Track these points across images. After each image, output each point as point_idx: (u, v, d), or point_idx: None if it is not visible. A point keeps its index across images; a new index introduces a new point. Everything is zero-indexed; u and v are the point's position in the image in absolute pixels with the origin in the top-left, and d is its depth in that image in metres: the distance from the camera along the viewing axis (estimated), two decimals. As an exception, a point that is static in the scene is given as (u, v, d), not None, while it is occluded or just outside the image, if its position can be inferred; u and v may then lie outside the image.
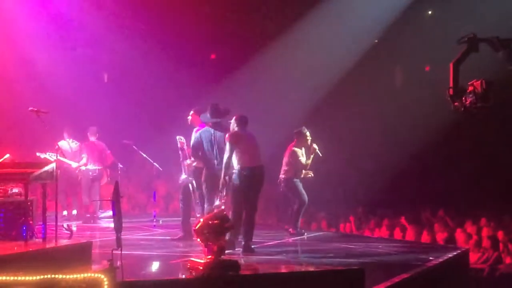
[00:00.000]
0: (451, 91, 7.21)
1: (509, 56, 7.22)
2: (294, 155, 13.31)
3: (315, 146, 13.36)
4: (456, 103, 7.19)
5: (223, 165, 10.81)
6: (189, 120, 12.23)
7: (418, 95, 19.93)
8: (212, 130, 11.52)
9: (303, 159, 13.27)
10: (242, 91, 19.22)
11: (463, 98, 7.12)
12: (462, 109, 7.15)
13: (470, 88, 7.08)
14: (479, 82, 7.03)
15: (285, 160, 13.44)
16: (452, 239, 15.05)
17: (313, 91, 20.68)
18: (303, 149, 13.38)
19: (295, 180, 13.30)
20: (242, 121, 11.04)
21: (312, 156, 13.31)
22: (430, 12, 20.77)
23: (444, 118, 16.88)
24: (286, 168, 13.38)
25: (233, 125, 11.05)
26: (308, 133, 13.36)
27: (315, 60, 19.76)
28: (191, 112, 12.23)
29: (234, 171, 10.87)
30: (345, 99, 20.65)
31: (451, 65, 7.21)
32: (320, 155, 13.39)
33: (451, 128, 18.12)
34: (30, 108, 9.84)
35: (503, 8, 16.90)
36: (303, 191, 13.30)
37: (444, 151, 19.59)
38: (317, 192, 13.78)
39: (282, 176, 13.43)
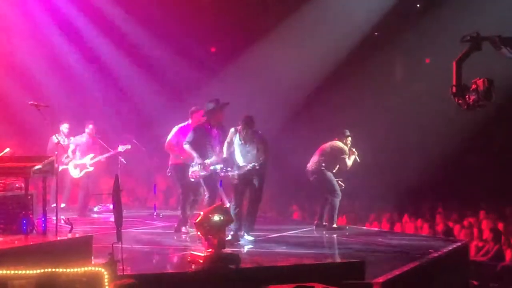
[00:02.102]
0: (454, 89, 7.21)
1: (510, 54, 7.23)
2: (341, 151, 13.14)
3: (354, 150, 13.23)
4: (460, 101, 7.20)
5: None
6: None
7: (420, 88, 19.94)
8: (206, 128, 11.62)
9: (347, 158, 13.13)
10: (241, 83, 19.22)
11: (467, 96, 7.13)
12: (465, 107, 7.16)
13: (473, 86, 7.10)
14: (481, 80, 7.04)
15: (323, 150, 13.23)
16: (452, 232, 15.06)
17: (314, 83, 20.69)
18: None
19: (330, 173, 13.13)
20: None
21: (352, 158, 13.19)
22: (418, 5, 20.76)
23: (445, 112, 16.90)
24: (321, 159, 13.17)
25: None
26: (349, 137, 13.25)
27: (313, 52, 19.75)
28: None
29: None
30: (346, 92, 20.62)
31: (454, 63, 7.22)
32: (358, 160, 13.26)
33: (452, 122, 18.12)
34: (30, 102, 9.84)
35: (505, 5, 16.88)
36: (337, 185, 13.15)
37: (446, 144, 19.56)
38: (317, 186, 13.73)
39: (314, 166, 13.19)
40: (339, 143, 13.21)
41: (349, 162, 13.18)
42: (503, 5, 16.89)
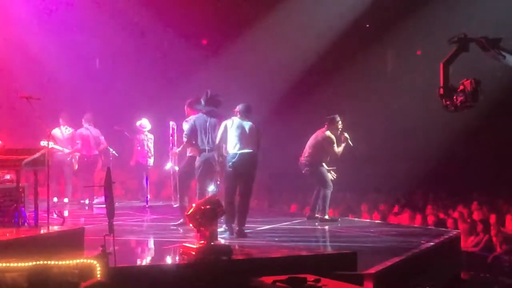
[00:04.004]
0: (441, 91, 7.22)
1: (497, 56, 7.25)
2: (329, 140, 13.04)
3: (346, 135, 13.15)
4: (447, 102, 7.22)
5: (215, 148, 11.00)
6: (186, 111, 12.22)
7: (413, 79, 19.96)
8: (206, 117, 11.45)
9: (336, 146, 13.03)
10: (232, 73, 19.22)
11: (454, 97, 7.15)
12: (453, 108, 7.18)
13: (461, 87, 7.11)
14: (468, 81, 7.06)
15: (312, 142, 13.17)
16: (444, 223, 15.11)
17: (304, 73, 20.69)
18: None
19: (321, 165, 13.08)
20: (244, 110, 11.07)
21: (343, 145, 13.11)
22: None
23: (438, 103, 16.84)
24: (312, 151, 13.12)
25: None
26: (340, 122, 13.16)
27: (303, 43, 19.76)
28: (185, 105, 12.22)
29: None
30: (339, 83, 20.64)
31: (441, 65, 7.23)
32: (351, 144, 13.16)
33: (445, 113, 18.12)
34: (21, 95, 9.79)
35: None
36: (329, 177, 13.11)
37: (439, 135, 19.61)
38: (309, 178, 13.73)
39: (306, 159, 13.16)
40: (326, 133, 13.11)
41: (339, 149, 13.10)
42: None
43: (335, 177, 13.31)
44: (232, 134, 10.91)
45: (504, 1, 16.80)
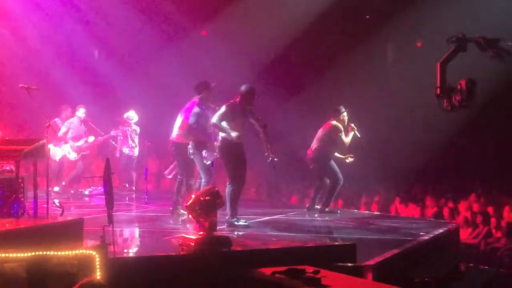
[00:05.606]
0: (438, 91, 7.22)
1: (495, 55, 7.24)
2: (336, 130, 12.89)
3: (353, 126, 13.00)
4: (445, 103, 7.22)
5: None
6: None
7: (412, 71, 19.90)
8: (195, 107, 11.46)
9: (343, 136, 12.90)
10: (231, 62, 19.20)
11: (453, 97, 7.15)
12: (450, 108, 7.19)
13: (458, 87, 7.12)
14: (464, 81, 7.07)
15: (319, 135, 13.02)
16: (443, 215, 15.13)
17: (304, 64, 20.65)
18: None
19: (329, 160, 12.90)
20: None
21: (351, 135, 12.96)
22: None
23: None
24: (320, 144, 12.95)
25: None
26: (345, 112, 13.02)
27: (304, 33, 19.72)
28: None
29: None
30: (339, 75, 20.60)
31: (438, 65, 7.23)
32: (358, 135, 13.01)
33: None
34: (20, 85, 9.80)
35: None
36: (338, 169, 12.94)
37: (438, 127, 19.59)
38: (309, 168, 13.69)
39: (313, 154, 12.99)
40: (333, 123, 12.98)
41: (347, 139, 12.93)
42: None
43: (353, 159, 13.14)
44: None
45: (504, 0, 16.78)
